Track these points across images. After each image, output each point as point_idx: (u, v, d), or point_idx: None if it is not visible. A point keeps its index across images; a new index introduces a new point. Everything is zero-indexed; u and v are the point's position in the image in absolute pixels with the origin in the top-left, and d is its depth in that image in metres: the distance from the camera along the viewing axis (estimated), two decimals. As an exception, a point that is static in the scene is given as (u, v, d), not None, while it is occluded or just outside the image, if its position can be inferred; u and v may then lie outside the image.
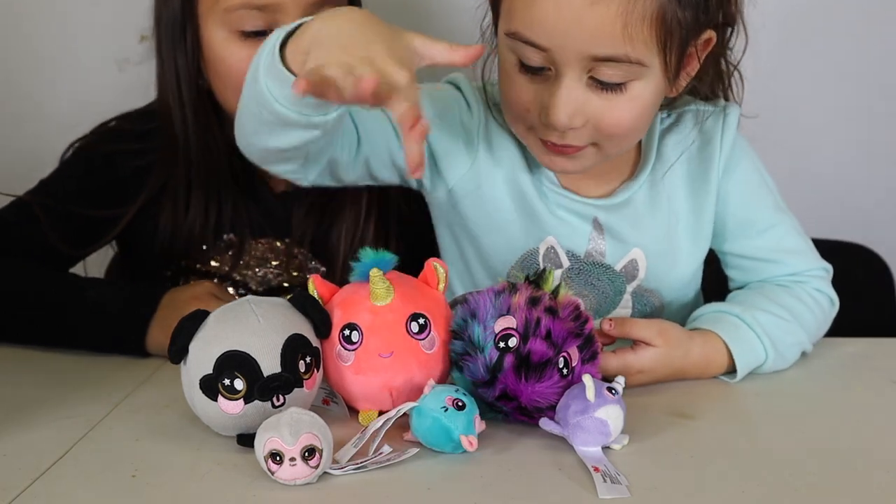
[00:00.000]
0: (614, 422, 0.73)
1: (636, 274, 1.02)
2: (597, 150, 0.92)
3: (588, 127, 0.88)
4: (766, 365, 0.93)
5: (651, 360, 0.89)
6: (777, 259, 1.02)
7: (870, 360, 0.98)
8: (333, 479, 0.69)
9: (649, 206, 1.01)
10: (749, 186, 1.03)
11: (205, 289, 1.02)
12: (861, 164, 1.55)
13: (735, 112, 1.02)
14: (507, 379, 0.75)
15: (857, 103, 1.52)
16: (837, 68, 1.49)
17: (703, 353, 0.92)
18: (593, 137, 0.89)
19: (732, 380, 0.92)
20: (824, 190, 1.51)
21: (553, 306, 0.77)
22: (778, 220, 1.03)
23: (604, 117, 0.87)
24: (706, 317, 0.96)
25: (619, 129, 0.89)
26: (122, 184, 1.11)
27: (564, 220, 0.99)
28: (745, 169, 1.02)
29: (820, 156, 1.51)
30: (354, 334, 0.77)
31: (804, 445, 0.76)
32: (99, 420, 0.80)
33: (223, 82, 1.07)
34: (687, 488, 0.68)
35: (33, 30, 1.48)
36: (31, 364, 0.96)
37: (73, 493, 0.67)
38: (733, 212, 1.02)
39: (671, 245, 1.02)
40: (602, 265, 1.01)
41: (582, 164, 0.93)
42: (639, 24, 0.82)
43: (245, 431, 0.73)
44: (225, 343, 0.72)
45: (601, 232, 1.00)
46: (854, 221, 1.47)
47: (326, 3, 1.03)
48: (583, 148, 0.90)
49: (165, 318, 0.96)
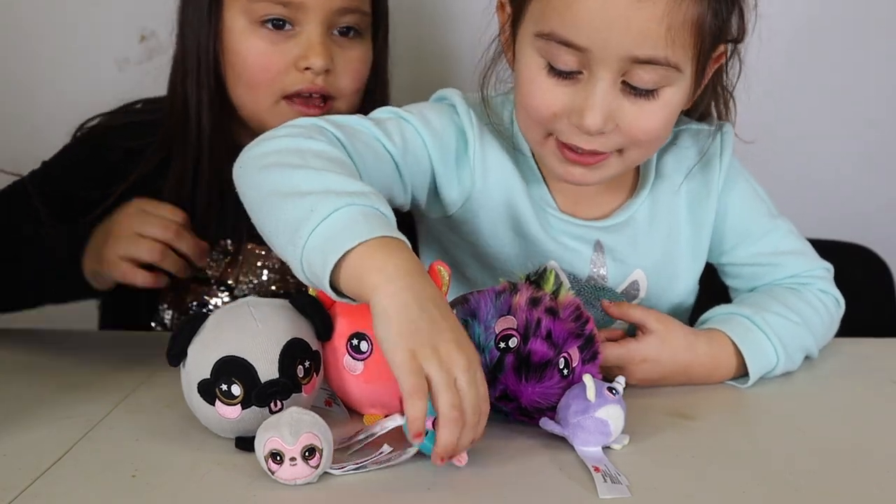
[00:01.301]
0: (615, 422, 0.73)
1: (636, 294, 1.01)
2: (620, 159, 0.90)
3: (617, 133, 0.86)
4: (777, 369, 0.92)
5: (654, 346, 0.88)
6: (777, 262, 1.02)
7: (870, 360, 0.98)
8: (333, 479, 0.69)
9: (649, 225, 1.00)
10: (745, 200, 1.03)
11: (134, 206, 1.01)
12: (861, 166, 1.55)
13: (730, 130, 1.02)
14: (507, 379, 0.75)
15: (857, 110, 1.53)
16: (839, 77, 1.50)
17: (709, 352, 0.91)
18: (620, 144, 0.88)
19: (743, 385, 0.90)
20: (825, 191, 1.52)
21: (553, 307, 0.77)
22: (773, 225, 1.03)
23: (634, 123, 0.86)
24: (715, 318, 0.95)
25: (648, 135, 0.88)
26: (114, 167, 1.09)
27: (566, 245, 0.98)
28: (740, 184, 1.03)
29: (821, 159, 1.51)
30: (364, 344, 0.76)
31: (804, 445, 0.77)
32: (99, 420, 0.80)
33: (236, 75, 1.05)
34: (687, 488, 0.68)
35: (33, 30, 1.48)
36: (31, 364, 0.96)
37: (73, 493, 0.67)
38: (732, 225, 1.03)
39: (671, 263, 1.02)
40: (603, 289, 0.99)
41: (601, 174, 0.91)
42: (681, 27, 0.81)
43: (243, 435, 0.73)
44: (223, 348, 0.72)
45: (602, 254, 0.99)
46: (854, 222, 1.47)
47: (349, 12, 1.03)
48: (606, 156, 0.89)
49: (97, 240, 0.99)
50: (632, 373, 0.87)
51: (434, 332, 0.67)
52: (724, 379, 0.92)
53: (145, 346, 1.00)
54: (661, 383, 0.89)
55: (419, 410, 0.65)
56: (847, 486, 0.69)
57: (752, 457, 0.74)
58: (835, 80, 1.49)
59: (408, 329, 0.67)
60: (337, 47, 1.05)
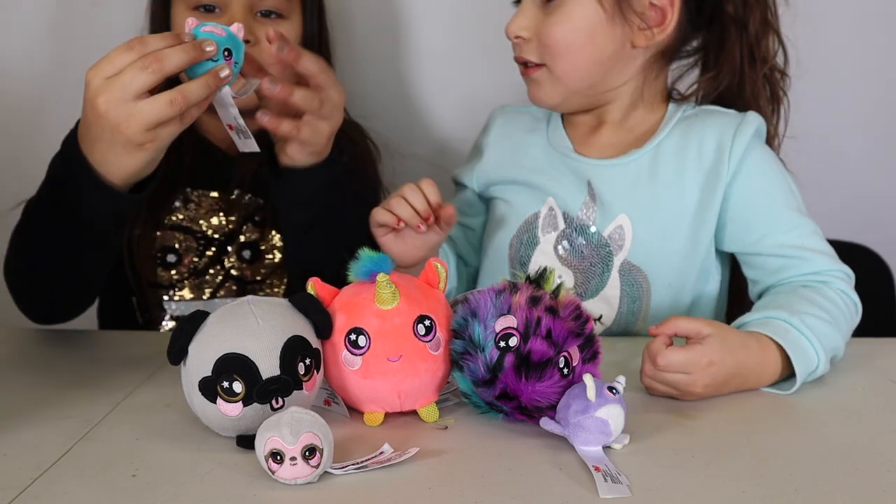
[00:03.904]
0: (615, 421, 0.73)
1: (622, 244, 1.06)
2: (549, 75, 1.06)
3: (535, 42, 1.05)
4: (818, 370, 0.90)
5: (716, 347, 0.85)
6: (802, 256, 1.02)
7: (870, 360, 0.98)
8: (334, 478, 0.69)
9: (648, 177, 1.06)
10: (767, 190, 1.05)
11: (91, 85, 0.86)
12: (861, 166, 1.56)
13: (752, 121, 1.06)
14: (507, 378, 0.75)
15: (858, 109, 1.53)
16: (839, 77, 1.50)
17: (760, 351, 0.88)
18: (539, 52, 1.06)
19: (788, 391, 0.88)
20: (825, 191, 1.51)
21: (553, 306, 0.77)
22: (802, 221, 1.04)
23: (543, 29, 1.04)
24: (751, 324, 0.92)
25: (555, 42, 1.04)
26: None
27: (561, 181, 1.10)
28: (761, 175, 1.05)
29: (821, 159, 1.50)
30: (361, 339, 0.76)
31: (804, 445, 0.76)
32: (99, 420, 0.80)
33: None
34: (687, 488, 0.68)
35: (33, 29, 1.48)
36: (31, 364, 0.96)
37: (73, 493, 0.67)
38: (748, 211, 1.05)
39: (666, 222, 1.05)
40: (591, 232, 1.08)
41: (543, 90, 1.08)
42: None
43: (244, 433, 0.73)
44: (224, 345, 0.72)
45: (594, 199, 1.08)
46: (854, 222, 1.47)
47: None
48: (538, 69, 1.07)
49: (83, 130, 0.89)
50: (697, 380, 0.84)
51: None
52: (771, 381, 0.89)
53: (145, 346, 1.00)
54: (722, 390, 0.86)
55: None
56: (847, 486, 0.69)
57: (752, 457, 0.74)
58: (834, 79, 1.49)
59: None
60: (259, 24, 1.15)
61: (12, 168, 1.44)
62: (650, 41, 1.05)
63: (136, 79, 0.83)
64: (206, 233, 1.21)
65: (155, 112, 0.83)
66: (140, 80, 0.83)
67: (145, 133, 0.84)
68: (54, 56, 1.49)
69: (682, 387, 0.84)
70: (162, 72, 0.83)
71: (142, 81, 0.83)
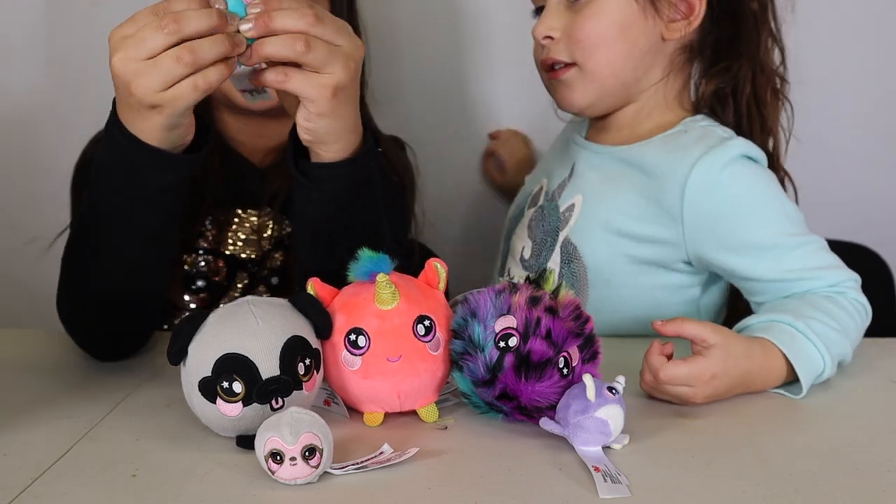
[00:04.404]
0: (615, 421, 0.73)
1: (569, 221, 1.09)
2: (581, 74, 1.05)
3: (565, 40, 1.05)
4: (824, 375, 0.89)
5: (720, 360, 0.84)
6: (811, 276, 0.98)
7: (870, 360, 0.98)
8: (334, 478, 0.69)
9: (614, 174, 1.08)
10: (746, 212, 1.00)
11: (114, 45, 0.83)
12: (861, 166, 1.55)
13: (727, 151, 0.99)
14: (507, 378, 0.75)
15: (857, 109, 1.53)
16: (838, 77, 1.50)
17: (764, 358, 0.87)
18: (570, 52, 1.05)
19: (797, 395, 0.87)
20: (825, 191, 1.51)
21: (553, 306, 0.77)
22: (805, 241, 0.99)
23: (573, 26, 1.04)
24: (754, 327, 0.92)
25: (589, 37, 1.04)
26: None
27: (558, 161, 1.16)
28: (731, 199, 0.99)
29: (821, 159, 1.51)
30: (361, 339, 0.76)
31: (804, 445, 0.76)
32: (99, 420, 0.80)
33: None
34: (687, 488, 0.68)
35: (33, 29, 1.48)
36: (31, 364, 0.96)
37: (73, 493, 0.67)
38: (738, 244, 1.00)
39: (611, 219, 1.05)
40: (554, 205, 1.12)
41: (575, 91, 1.07)
42: None
43: (244, 433, 0.73)
44: (223, 345, 0.72)
45: (570, 177, 1.12)
46: (854, 222, 1.47)
47: None
48: (567, 70, 1.06)
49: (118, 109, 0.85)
50: (699, 392, 0.83)
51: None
52: (777, 385, 0.89)
53: (145, 346, 1.00)
54: (724, 397, 0.86)
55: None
56: (847, 486, 0.69)
57: (752, 457, 0.74)
58: (834, 79, 1.49)
59: None
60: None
61: (12, 168, 1.45)
62: (680, 33, 1.05)
63: (151, 38, 0.78)
64: (237, 256, 1.16)
65: (161, 71, 0.78)
66: (154, 40, 0.78)
67: (155, 94, 0.79)
68: (54, 56, 1.49)
69: (684, 398, 0.84)
70: (179, 33, 0.78)
71: (155, 41, 0.78)
